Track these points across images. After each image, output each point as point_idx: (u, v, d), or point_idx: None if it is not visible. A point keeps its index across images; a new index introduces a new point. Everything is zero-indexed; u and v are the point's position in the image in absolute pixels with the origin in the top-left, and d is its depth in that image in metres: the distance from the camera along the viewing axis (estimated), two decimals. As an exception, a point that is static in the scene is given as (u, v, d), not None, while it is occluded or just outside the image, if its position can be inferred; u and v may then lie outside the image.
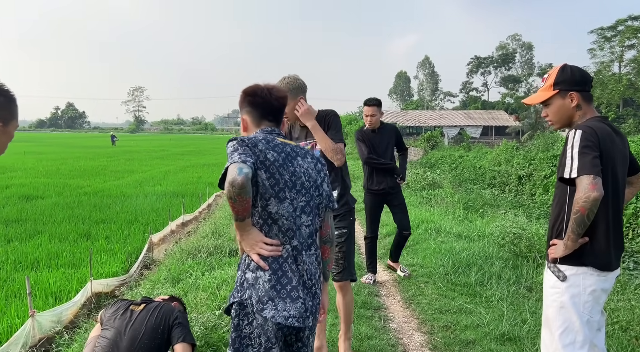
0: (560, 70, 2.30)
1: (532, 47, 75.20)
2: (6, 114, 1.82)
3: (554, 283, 2.21)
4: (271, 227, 1.92)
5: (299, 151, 2.06)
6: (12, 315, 4.32)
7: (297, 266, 1.91)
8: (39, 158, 24.03)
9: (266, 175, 1.90)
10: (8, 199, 11.13)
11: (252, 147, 1.91)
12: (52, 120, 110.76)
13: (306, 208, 1.98)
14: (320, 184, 2.07)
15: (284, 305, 1.85)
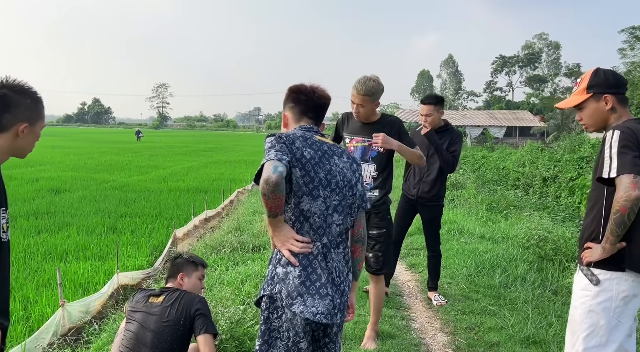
0: (593, 74, 2.28)
1: (559, 47, 73.68)
2: (32, 114, 1.89)
3: (585, 286, 2.19)
4: (303, 224, 1.95)
5: (336, 150, 2.08)
6: (44, 304, 4.46)
7: (327, 263, 1.94)
8: (66, 152, 24.62)
9: (301, 173, 1.93)
10: (37, 192, 11.45)
11: (289, 144, 1.95)
12: (78, 115, 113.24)
13: (338, 207, 2.00)
14: (354, 184, 2.07)
15: (312, 301, 1.88)
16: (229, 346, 2.99)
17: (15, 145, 1.88)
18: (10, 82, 1.86)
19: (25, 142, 1.90)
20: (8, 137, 1.84)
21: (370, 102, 3.20)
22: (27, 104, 1.88)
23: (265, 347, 1.95)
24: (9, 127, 1.83)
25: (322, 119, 2.18)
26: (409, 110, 54.07)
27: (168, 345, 2.53)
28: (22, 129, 1.85)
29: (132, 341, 2.54)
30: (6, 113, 1.82)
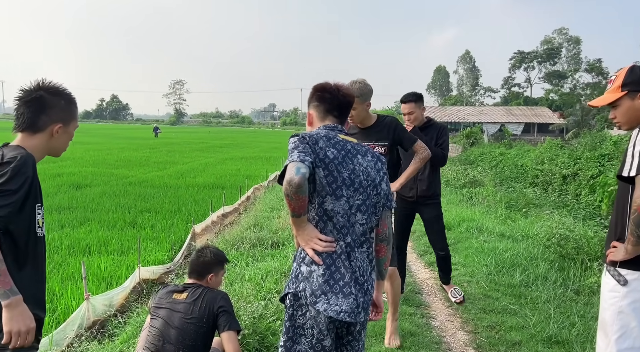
0: (629, 71, 2.25)
1: (579, 42, 72.34)
2: (66, 115, 1.97)
3: (612, 287, 2.16)
4: (326, 224, 1.96)
5: (360, 149, 2.08)
6: (69, 297, 4.56)
7: (350, 262, 1.95)
8: (86, 148, 25.02)
9: (324, 173, 1.94)
10: (59, 187, 11.67)
11: (312, 145, 1.95)
12: (97, 111, 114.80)
13: (362, 207, 2.00)
14: (379, 183, 2.07)
15: (336, 300, 1.90)
16: (251, 340, 3.03)
17: (50, 145, 1.96)
18: (45, 85, 1.94)
19: (59, 142, 1.98)
20: (44, 137, 1.92)
21: (360, 103, 3.22)
22: (62, 105, 1.95)
23: (289, 343, 1.97)
24: (45, 128, 1.91)
25: (346, 118, 2.18)
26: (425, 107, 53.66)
27: (192, 341, 2.57)
28: (56, 129, 1.93)
29: (157, 337, 2.58)
30: (42, 114, 1.90)
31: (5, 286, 1.65)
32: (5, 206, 1.69)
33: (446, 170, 17.24)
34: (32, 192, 1.82)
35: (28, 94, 1.90)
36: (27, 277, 1.72)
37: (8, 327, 1.67)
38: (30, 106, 1.89)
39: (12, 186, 1.72)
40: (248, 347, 3.00)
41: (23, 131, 1.91)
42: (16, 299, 1.68)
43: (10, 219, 1.73)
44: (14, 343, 1.69)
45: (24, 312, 1.71)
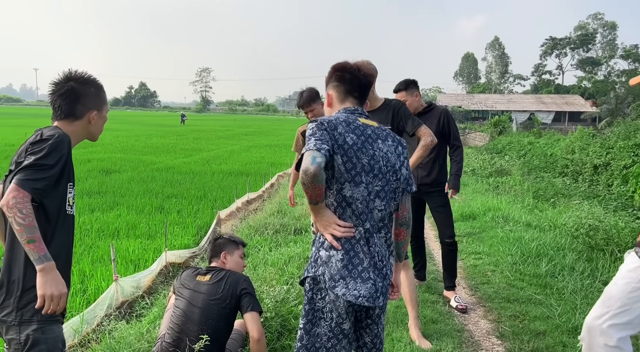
0: None
1: (615, 27, 69.69)
2: (98, 102, 2.09)
3: (634, 268, 2.18)
4: (345, 210, 1.95)
5: (380, 133, 2.04)
6: (98, 278, 4.70)
7: (370, 248, 1.95)
8: (115, 135, 25.57)
9: (342, 159, 1.92)
10: (90, 172, 11.99)
11: (331, 131, 1.92)
12: (126, 99, 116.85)
13: (381, 193, 1.98)
14: (399, 168, 2.04)
15: (354, 284, 1.90)
16: (274, 323, 3.08)
17: (88, 131, 2.10)
18: (74, 75, 2.05)
19: (96, 127, 2.12)
20: (82, 124, 2.06)
21: None
22: (92, 93, 2.08)
23: (309, 326, 1.99)
24: (82, 116, 2.04)
25: (366, 98, 2.14)
26: (452, 94, 52.78)
27: (215, 322, 2.63)
28: (92, 116, 2.07)
29: (181, 318, 2.65)
30: (77, 104, 2.02)
31: (40, 252, 1.75)
32: (42, 179, 1.79)
33: (472, 159, 16.98)
34: (66, 170, 1.93)
35: (60, 87, 2.01)
36: (52, 253, 1.80)
37: (42, 291, 1.76)
38: (65, 98, 2.01)
39: (49, 161, 1.82)
40: (270, 329, 3.05)
41: (61, 120, 2.04)
42: (50, 264, 1.77)
43: (46, 193, 1.83)
44: (47, 307, 1.78)
45: (57, 277, 1.80)
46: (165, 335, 2.67)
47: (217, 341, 2.60)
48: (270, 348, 2.94)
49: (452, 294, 4.15)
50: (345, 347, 2.00)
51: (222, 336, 2.68)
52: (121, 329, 3.36)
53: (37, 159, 1.80)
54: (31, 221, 1.73)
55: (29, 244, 1.73)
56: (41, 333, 1.84)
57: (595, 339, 2.21)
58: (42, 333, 1.85)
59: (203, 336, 2.51)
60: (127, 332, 3.21)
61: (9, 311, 1.85)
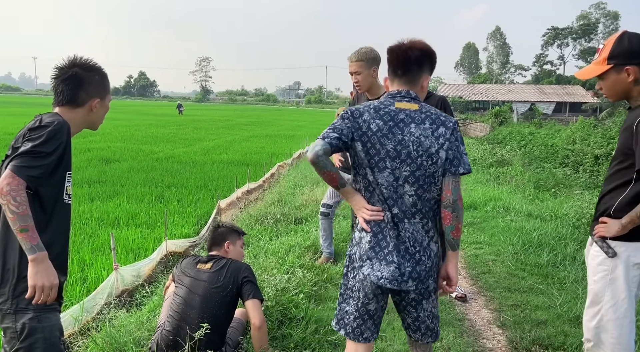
0: (617, 41, 2.10)
1: (617, 17, 69.16)
2: (102, 90, 2.05)
3: (602, 260, 2.18)
4: (372, 194, 2.00)
5: (416, 117, 1.97)
6: (99, 267, 4.69)
7: (399, 232, 1.97)
8: (114, 124, 25.48)
9: (362, 147, 1.95)
10: (89, 161, 11.95)
11: (355, 118, 1.97)
12: (125, 88, 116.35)
13: (410, 178, 1.96)
14: (436, 151, 1.95)
15: (379, 266, 1.96)
16: (274, 312, 3.07)
17: (89, 119, 2.06)
18: (79, 61, 2.01)
19: (97, 115, 2.08)
20: (83, 112, 2.01)
21: (365, 68, 3.18)
22: (96, 80, 2.04)
23: (341, 300, 2.11)
24: (84, 103, 2.00)
25: (414, 76, 2.03)
26: (453, 85, 52.57)
27: (216, 310, 2.62)
28: (95, 104, 2.03)
29: (181, 306, 2.64)
30: (80, 91, 1.98)
31: (32, 241, 1.72)
32: (38, 167, 1.75)
33: (473, 149, 16.95)
34: (64, 159, 1.89)
35: (64, 72, 1.97)
36: (46, 242, 1.77)
37: (32, 281, 1.74)
38: (69, 83, 1.97)
39: (47, 148, 1.78)
40: (271, 318, 3.03)
41: (63, 106, 1.99)
42: (42, 254, 1.74)
43: (41, 181, 1.80)
44: (37, 298, 1.75)
45: (49, 268, 1.77)
46: (165, 323, 2.66)
47: (217, 329, 2.59)
48: (271, 337, 2.93)
49: None
50: (369, 328, 2.05)
51: (223, 324, 2.67)
52: (121, 317, 3.36)
53: (35, 145, 1.76)
54: (25, 209, 1.69)
55: (22, 232, 1.70)
56: (37, 322, 1.82)
57: (600, 338, 2.21)
58: (39, 322, 1.82)
59: (203, 324, 2.49)
60: (127, 321, 3.20)
61: (4, 299, 1.82)
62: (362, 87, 3.31)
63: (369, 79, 3.26)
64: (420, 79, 2.06)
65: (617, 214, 2.14)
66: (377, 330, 2.10)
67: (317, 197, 7.15)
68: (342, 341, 3.05)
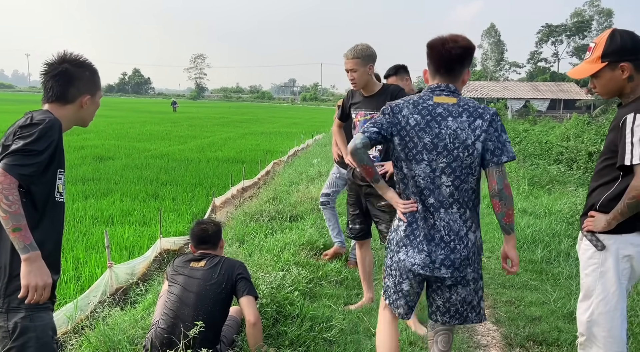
0: (609, 39, 2.12)
1: (611, 14, 69.40)
2: (92, 86, 2.03)
3: (592, 254, 2.22)
4: (406, 186, 2.17)
5: (454, 110, 2.07)
6: (93, 265, 4.66)
7: (435, 221, 2.10)
8: (109, 121, 25.35)
9: (400, 141, 2.11)
10: (83, 159, 11.88)
11: (395, 114, 2.12)
12: (120, 85, 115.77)
13: (446, 169, 2.06)
14: (472, 143, 2.04)
15: (412, 253, 2.14)
16: (269, 309, 3.06)
17: (80, 116, 2.04)
18: (69, 57, 1.99)
19: (88, 112, 2.06)
20: (73, 109, 1.99)
21: (361, 65, 3.20)
22: (87, 76, 2.02)
23: (385, 274, 2.32)
24: (74, 100, 1.98)
25: (456, 73, 2.12)
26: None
27: (210, 307, 2.61)
28: (85, 100, 2.00)
29: (175, 303, 2.63)
30: (70, 87, 1.96)
31: (25, 241, 1.70)
32: (30, 165, 1.73)
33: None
34: (56, 156, 1.88)
35: (54, 68, 1.95)
36: (38, 240, 1.75)
37: (26, 280, 1.72)
38: (58, 79, 1.94)
39: (39, 146, 1.76)
40: (266, 315, 3.03)
41: (52, 102, 1.97)
42: (35, 254, 1.72)
43: (34, 179, 1.78)
44: (30, 297, 1.74)
45: (42, 267, 1.75)
46: (160, 321, 2.65)
47: (212, 326, 2.59)
48: (266, 334, 2.92)
49: None
50: (402, 306, 2.25)
51: (217, 322, 2.66)
52: (115, 315, 3.34)
53: (26, 144, 1.74)
54: (17, 208, 1.67)
55: (15, 232, 1.67)
56: (29, 321, 1.80)
57: (592, 332, 2.24)
58: (31, 321, 1.80)
59: (198, 321, 2.48)
60: (121, 319, 3.18)
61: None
62: (357, 85, 3.32)
63: (364, 76, 3.26)
64: (461, 75, 2.14)
65: (602, 209, 2.18)
66: (410, 311, 2.26)
67: (313, 195, 7.15)
68: (337, 338, 3.05)
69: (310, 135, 20.76)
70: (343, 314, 3.41)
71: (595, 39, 2.21)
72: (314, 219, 5.75)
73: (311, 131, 23.29)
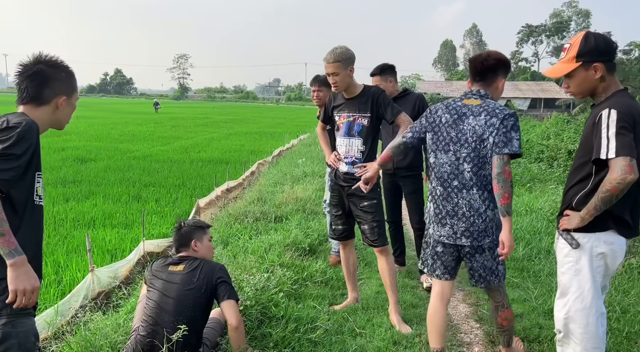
0: (583, 40, 2.22)
1: (589, 15, 70.84)
2: (68, 87, 2.01)
3: (567, 252, 2.27)
4: (432, 173, 2.72)
5: (475, 110, 2.56)
6: (74, 269, 4.60)
7: (457, 200, 2.59)
8: (90, 122, 25.00)
9: (432, 136, 2.66)
10: (64, 161, 11.70)
11: (432, 114, 2.69)
12: (101, 86, 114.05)
13: (467, 158, 2.55)
14: (487, 137, 2.49)
15: (439, 228, 2.68)
16: (254, 311, 3.05)
17: (55, 117, 2.01)
18: (44, 58, 1.96)
19: (64, 114, 2.03)
20: (48, 110, 1.96)
21: (342, 68, 3.24)
22: (63, 77, 2.00)
23: (424, 246, 2.85)
24: (49, 101, 1.95)
25: (489, 79, 2.62)
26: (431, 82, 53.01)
27: (191, 312, 2.57)
28: (61, 101, 1.98)
29: (154, 310, 2.58)
30: (45, 87, 1.93)
31: (10, 246, 1.68)
32: (9, 170, 1.71)
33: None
34: (34, 159, 1.85)
35: (28, 68, 1.92)
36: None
37: (13, 285, 1.70)
38: (33, 80, 1.91)
39: (17, 150, 1.73)
40: (250, 317, 3.02)
41: (27, 104, 1.94)
42: (21, 259, 1.71)
43: (13, 183, 1.75)
44: (19, 302, 1.72)
45: (29, 271, 1.74)
46: (140, 327, 2.62)
47: (193, 331, 2.56)
48: (251, 336, 2.91)
49: (424, 276, 4.23)
50: (439, 267, 2.75)
51: (199, 326, 2.64)
52: (97, 320, 3.29)
53: (5, 148, 1.71)
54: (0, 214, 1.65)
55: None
56: (11, 327, 1.77)
57: (569, 329, 2.29)
58: (13, 327, 1.78)
59: (180, 326, 2.46)
60: (103, 324, 3.14)
61: None
62: (339, 87, 3.32)
63: (346, 79, 3.27)
64: (494, 82, 2.62)
65: (579, 207, 2.22)
66: (446, 272, 2.74)
67: (298, 195, 7.14)
68: (322, 338, 3.06)
69: (295, 135, 20.73)
70: (328, 314, 3.41)
71: (570, 40, 2.30)
72: (299, 220, 5.75)
73: (296, 131, 23.25)
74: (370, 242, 3.43)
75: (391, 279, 3.44)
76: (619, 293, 3.83)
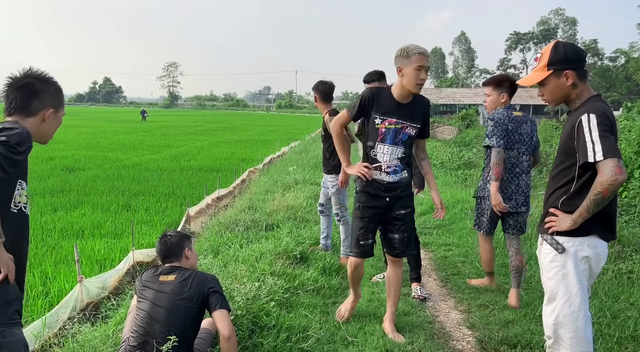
0: (553, 49, 2.30)
1: (575, 22, 71.75)
2: (57, 101, 2.04)
3: (553, 257, 2.29)
4: (505, 162, 3.81)
5: (524, 119, 3.87)
6: (62, 280, 4.53)
7: (519, 181, 3.85)
8: (79, 131, 24.81)
9: (506, 137, 3.77)
10: (52, 170, 11.57)
11: (502, 124, 3.77)
12: (90, 94, 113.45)
13: (525, 152, 3.85)
14: (531, 138, 3.88)
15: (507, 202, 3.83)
16: (245, 321, 3.02)
17: (41, 130, 2.01)
18: (34, 72, 1.99)
19: (50, 127, 2.04)
20: (35, 122, 1.97)
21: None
22: (52, 91, 2.02)
23: (480, 214, 4.13)
24: (37, 112, 1.97)
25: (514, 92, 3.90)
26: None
27: (182, 322, 2.54)
28: (48, 114, 2.00)
29: (145, 320, 2.55)
30: (34, 99, 1.95)
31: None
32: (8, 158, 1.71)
33: (441, 152, 17.23)
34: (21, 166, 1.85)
35: (18, 81, 1.94)
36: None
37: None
38: (22, 91, 1.93)
39: (20, 147, 1.76)
40: (242, 327, 2.99)
41: (14, 114, 1.94)
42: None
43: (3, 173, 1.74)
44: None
45: (2, 254, 1.76)
46: (130, 338, 2.58)
47: (184, 341, 2.53)
48: (242, 346, 2.88)
49: (415, 285, 4.23)
50: (487, 226, 4.09)
51: (190, 336, 2.60)
52: (86, 332, 3.24)
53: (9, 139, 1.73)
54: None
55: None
56: (1, 337, 1.77)
57: (558, 334, 2.30)
58: (3, 337, 1.77)
59: (171, 337, 2.43)
60: (91, 335, 3.09)
61: None
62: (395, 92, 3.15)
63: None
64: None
65: (563, 208, 2.26)
66: (490, 229, 4.09)
67: (289, 203, 7.12)
68: (314, 348, 3.04)
69: (286, 142, 20.71)
70: (320, 323, 3.39)
71: (542, 50, 2.39)
72: (290, 228, 5.72)
73: (287, 139, 23.25)
74: (397, 253, 3.31)
75: (397, 289, 3.41)
76: (609, 298, 3.86)
